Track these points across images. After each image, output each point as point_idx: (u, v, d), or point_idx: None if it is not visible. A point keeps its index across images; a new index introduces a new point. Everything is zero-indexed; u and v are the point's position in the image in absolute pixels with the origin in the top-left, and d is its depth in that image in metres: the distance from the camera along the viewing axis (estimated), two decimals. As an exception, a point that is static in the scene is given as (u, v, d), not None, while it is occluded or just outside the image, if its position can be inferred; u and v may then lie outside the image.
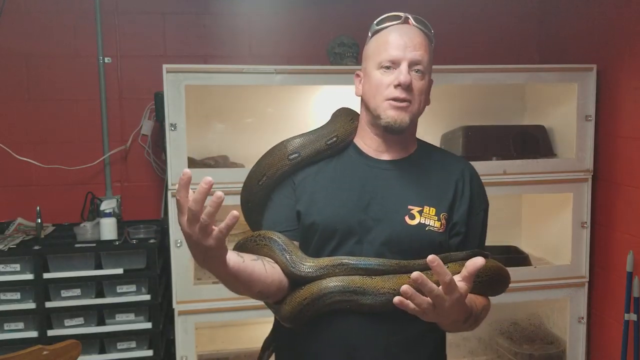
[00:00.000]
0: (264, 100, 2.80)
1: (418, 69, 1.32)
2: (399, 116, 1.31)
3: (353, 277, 1.25)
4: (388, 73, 1.32)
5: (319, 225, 1.32)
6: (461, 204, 1.36)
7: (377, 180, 1.35)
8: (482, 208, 1.41)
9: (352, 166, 1.38)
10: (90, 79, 2.84)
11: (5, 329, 2.40)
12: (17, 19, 2.75)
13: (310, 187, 1.36)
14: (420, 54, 1.32)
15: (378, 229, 1.31)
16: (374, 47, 1.36)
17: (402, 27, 1.35)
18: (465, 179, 1.39)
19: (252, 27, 2.97)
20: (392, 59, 1.31)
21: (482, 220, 1.41)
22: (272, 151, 1.41)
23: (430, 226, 1.31)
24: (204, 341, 2.75)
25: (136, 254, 2.45)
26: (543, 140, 2.81)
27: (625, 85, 2.56)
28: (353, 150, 1.41)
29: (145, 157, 2.92)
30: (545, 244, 2.96)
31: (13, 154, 2.76)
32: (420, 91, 1.32)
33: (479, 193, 1.41)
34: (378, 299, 1.23)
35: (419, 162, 1.40)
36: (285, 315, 1.29)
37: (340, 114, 1.47)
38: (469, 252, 1.30)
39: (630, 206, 2.55)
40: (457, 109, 2.96)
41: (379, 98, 1.32)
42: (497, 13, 3.16)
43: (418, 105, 1.33)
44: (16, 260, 2.38)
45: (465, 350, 2.98)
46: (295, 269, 1.26)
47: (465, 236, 1.36)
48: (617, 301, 2.62)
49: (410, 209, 1.32)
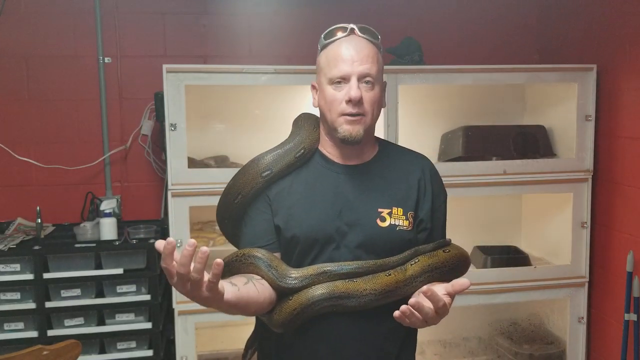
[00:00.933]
0: (264, 100, 2.80)
1: (367, 80, 1.37)
2: (354, 129, 1.37)
3: (337, 283, 1.34)
4: (339, 88, 1.37)
5: (300, 237, 1.39)
6: (425, 201, 1.45)
7: (346, 186, 1.42)
8: (442, 200, 1.50)
9: (321, 174, 1.44)
10: (90, 79, 2.84)
11: (5, 329, 2.40)
12: (17, 19, 2.75)
13: (286, 201, 1.42)
14: (367, 66, 1.37)
15: (352, 234, 1.39)
16: (324, 61, 1.41)
17: (349, 40, 1.39)
18: (426, 176, 1.48)
19: (252, 27, 2.97)
20: (342, 75, 1.36)
21: (443, 212, 1.50)
22: (245, 170, 1.46)
23: (400, 226, 1.40)
24: (204, 341, 2.75)
25: (136, 254, 2.45)
26: (543, 140, 2.81)
27: (625, 85, 2.56)
28: (319, 157, 1.47)
29: (145, 157, 2.92)
30: (545, 244, 2.96)
31: (13, 154, 2.76)
32: (372, 101, 1.38)
33: (439, 187, 1.50)
34: (361, 300, 1.33)
35: (381, 164, 1.47)
36: (277, 323, 1.36)
37: (303, 122, 1.52)
38: (435, 243, 1.41)
39: (630, 206, 2.55)
40: (457, 109, 2.96)
41: (333, 113, 1.38)
42: (497, 13, 3.16)
43: (371, 116, 1.40)
44: (16, 260, 2.38)
45: (465, 350, 2.98)
46: (283, 283, 1.34)
47: (430, 230, 1.46)
48: (617, 301, 2.62)
49: (381, 212, 1.40)
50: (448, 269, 1.38)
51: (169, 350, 2.62)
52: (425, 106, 2.96)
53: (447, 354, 2.96)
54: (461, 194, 2.63)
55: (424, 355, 2.93)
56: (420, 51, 2.78)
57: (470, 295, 2.65)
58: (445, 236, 1.50)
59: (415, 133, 2.81)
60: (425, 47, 2.83)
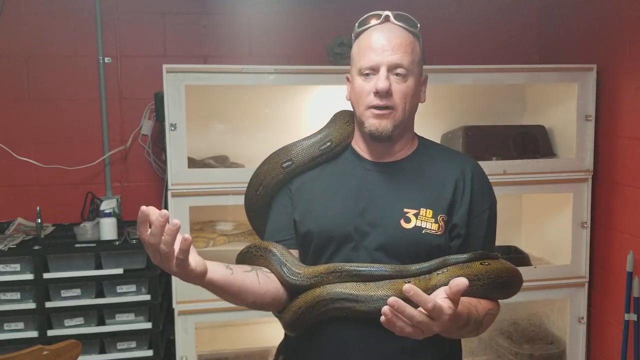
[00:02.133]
0: (264, 100, 2.80)
1: (398, 72, 1.27)
2: (381, 124, 1.27)
3: (346, 284, 1.23)
4: (368, 79, 1.28)
5: (314, 233, 1.31)
6: (461, 205, 1.31)
7: (373, 183, 1.32)
8: (485, 207, 1.35)
9: (348, 170, 1.35)
10: (90, 79, 2.84)
11: (5, 329, 2.40)
12: (17, 19, 2.75)
13: (306, 194, 1.35)
14: (399, 56, 1.27)
15: (373, 234, 1.28)
16: (356, 51, 1.34)
17: (382, 27, 1.31)
18: (466, 178, 1.33)
19: (252, 27, 2.97)
20: (371, 65, 1.28)
21: (486, 220, 1.35)
22: (267, 160, 1.40)
23: (427, 229, 1.27)
24: (204, 341, 2.75)
25: (136, 254, 2.45)
26: (543, 140, 2.81)
27: (625, 85, 2.56)
28: (350, 153, 1.38)
29: (145, 157, 2.92)
30: (545, 244, 2.96)
31: (13, 154, 2.76)
32: (404, 95, 1.28)
33: (481, 191, 1.35)
34: (372, 306, 1.20)
35: (417, 162, 1.36)
36: (285, 323, 1.32)
37: (336, 117, 1.45)
38: (472, 254, 1.26)
39: (630, 206, 2.55)
40: (457, 109, 2.96)
41: (361, 106, 1.30)
42: (497, 13, 3.16)
43: (403, 110, 1.29)
44: (16, 260, 2.38)
45: (465, 351, 2.96)
46: (288, 278, 1.27)
47: (466, 238, 1.31)
48: (617, 301, 2.61)
49: (406, 212, 1.28)
50: (484, 284, 1.22)
51: (169, 350, 2.62)
52: (425, 106, 2.94)
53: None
54: (461, 194, 2.63)
55: (424, 355, 2.93)
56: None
57: (470, 295, 2.64)
58: (491, 249, 1.34)
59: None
60: (425, 47, 2.80)
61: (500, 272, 1.24)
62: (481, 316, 1.21)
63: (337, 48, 2.71)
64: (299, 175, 1.37)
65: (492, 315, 1.27)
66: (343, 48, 2.68)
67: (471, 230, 1.32)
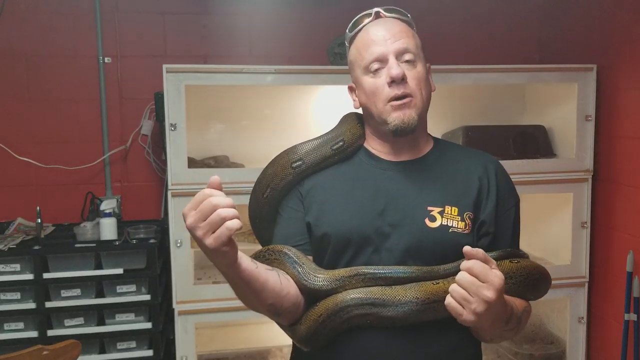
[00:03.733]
0: (264, 100, 2.80)
1: (407, 58, 1.23)
2: (406, 115, 1.21)
3: (371, 288, 1.15)
4: (378, 74, 1.22)
5: (331, 236, 1.23)
6: (488, 202, 1.26)
7: (391, 183, 1.25)
8: (512, 204, 1.31)
9: (363, 170, 1.28)
10: (90, 79, 2.84)
11: (5, 329, 2.40)
12: (17, 19, 2.75)
13: (319, 196, 1.27)
14: (403, 41, 1.23)
15: (396, 235, 1.21)
16: (355, 53, 1.28)
17: (376, 22, 1.27)
18: (490, 175, 1.29)
19: (252, 27, 2.97)
20: (377, 57, 1.22)
21: (513, 218, 1.30)
22: (275, 160, 1.32)
23: (453, 227, 1.21)
24: (204, 341, 2.75)
25: (136, 254, 2.45)
26: (543, 140, 2.81)
27: (625, 85, 2.56)
28: (364, 154, 1.31)
29: (145, 157, 2.92)
30: (545, 244, 2.95)
31: (13, 154, 2.76)
32: (419, 80, 1.22)
33: (507, 188, 1.31)
34: (400, 310, 1.13)
35: (436, 160, 1.30)
36: (301, 336, 1.20)
37: (346, 118, 1.38)
38: (501, 252, 1.22)
39: (630, 206, 2.55)
40: (457, 109, 2.96)
41: (379, 103, 1.23)
42: (497, 13, 3.16)
43: (421, 97, 1.23)
44: (16, 260, 2.38)
45: (465, 350, 2.98)
46: (308, 282, 1.18)
47: (494, 236, 1.26)
48: (617, 301, 2.61)
49: (430, 211, 1.21)
50: (516, 282, 1.18)
51: (169, 350, 2.62)
52: (425, 106, 2.95)
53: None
54: (461, 194, 2.63)
55: (424, 355, 2.93)
56: (420, 51, 2.78)
57: (470, 295, 2.64)
58: (517, 246, 1.31)
59: (415, 133, 2.81)
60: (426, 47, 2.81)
61: (531, 270, 1.21)
62: (520, 312, 1.19)
63: (337, 48, 2.71)
64: (309, 177, 1.30)
65: (528, 313, 1.23)
66: (343, 48, 2.67)
67: (499, 228, 1.27)
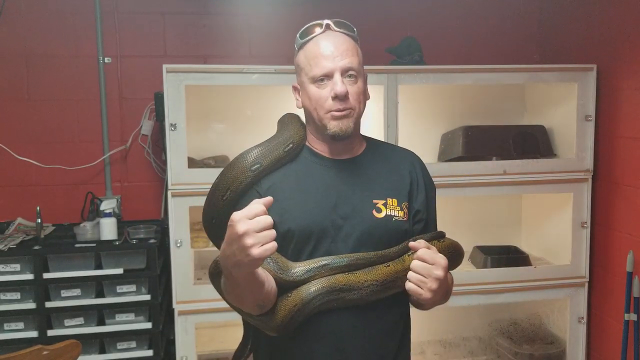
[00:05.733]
0: (264, 100, 2.80)
1: (350, 74, 1.36)
2: (343, 125, 1.36)
3: (337, 276, 1.32)
4: (323, 85, 1.36)
5: (295, 231, 1.35)
6: (419, 192, 1.45)
7: (338, 179, 1.41)
8: (433, 193, 1.51)
9: (312, 169, 1.42)
10: (90, 79, 2.84)
11: (5, 329, 2.40)
12: (17, 19, 2.75)
13: (278, 194, 1.36)
14: (349, 60, 1.36)
15: (348, 226, 1.36)
16: (304, 60, 1.41)
17: (326, 36, 1.40)
18: (417, 168, 1.48)
19: (252, 27, 2.97)
20: (325, 72, 1.35)
21: (434, 205, 1.51)
22: (233, 165, 1.42)
23: (396, 217, 1.39)
24: (204, 341, 2.75)
25: (136, 254, 2.46)
26: (543, 140, 2.81)
27: (625, 85, 2.56)
28: (308, 153, 1.45)
29: (145, 157, 2.92)
30: (545, 244, 2.96)
31: (13, 154, 2.76)
32: (358, 94, 1.37)
33: (430, 180, 1.51)
34: (363, 292, 1.32)
35: (372, 157, 1.46)
36: (276, 324, 1.30)
37: (289, 120, 1.53)
38: (430, 234, 1.43)
39: (630, 206, 2.55)
40: (457, 109, 2.96)
41: (320, 111, 1.37)
42: (497, 13, 3.16)
43: (359, 109, 1.39)
44: (16, 260, 2.38)
45: (465, 350, 2.98)
46: (285, 275, 1.30)
47: (426, 221, 1.45)
48: (617, 301, 2.62)
49: (376, 203, 1.39)
50: None
51: (169, 350, 2.62)
52: (425, 106, 2.96)
53: (447, 354, 2.96)
54: (461, 194, 2.63)
55: (424, 355, 2.93)
56: (420, 51, 2.78)
57: (470, 295, 2.65)
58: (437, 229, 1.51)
59: (415, 133, 2.81)
60: (425, 47, 2.83)
61: (453, 247, 1.44)
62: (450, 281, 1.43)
63: (337, 48, 2.70)
64: (264, 177, 1.42)
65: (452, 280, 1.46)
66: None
67: (429, 214, 1.47)
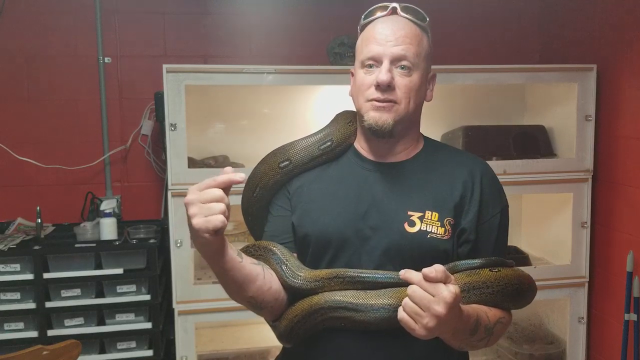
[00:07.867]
0: (264, 100, 2.81)
1: (403, 64, 1.21)
2: (381, 117, 1.21)
3: (346, 292, 1.16)
4: (370, 72, 1.22)
5: (312, 237, 1.25)
6: (470, 208, 1.24)
7: (376, 185, 1.26)
8: (496, 212, 1.27)
9: (349, 171, 1.29)
10: (90, 79, 2.84)
11: (5, 329, 2.40)
12: (17, 19, 2.75)
13: (305, 196, 1.28)
14: (404, 47, 1.20)
15: (376, 239, 1.21)
16: (359, 43, 1.29)
17: (387, 19, 1.24)
18: (475, 180, 1.26)
19: (252, 27, 2.97)
20: (373, 56, 1.22)
21: (497, 225, 1.26)
22: (264, 160, 1.34)
23: (432, 233, 1.20)
24: (204, 341, 2.75)
25: (136, 254, 2.45)
26: (543, 140, 2.81)
27: (625, 85, 2.56)
28: (352, 154, 1.32)
29: (145, 157, 2.92)
30: (545, 244, 2.96)
31: (13, 154, 2.76)
32: (408, 89, 1.21)
33: (492, 194, 1.27)
34: (372, 315, 1.13)
35: (422, 163, 1.29)
36: (281, 332, 1.25)
37: (338, 116, 1.39)
38: (483, 260, 1.19)
39: (630, 206, 2.55)
40: (457, 109, 2.96)
41: (361, 99, 1.24)
42: (497, 13, 3.16)
43: (406, 105, 1.22)
44: (16, 260, 2.38)
45: (465, 350, 2.98)
46: (289, 280, 1.20)
47: (475, 244, 1.23)
48: (617, 301, 2.61)
49: (410, 215, 1.21)
50: (493, 292, 1.16)
51: (169, 350, 2.62)
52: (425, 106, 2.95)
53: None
54: (461, 194, 2.63)
55: (424, 355, 2.92)
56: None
57: (470, 295, 2.64)
58: (502, 256, 1.25)
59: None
60: (426, 47, 2.82)
61: (511, 280, 1.18)
62: (492, 323, 1.16)
63: (337, 48, 2.71)
64: (297, 176, 1.32)
65: (503, 324, 1.21)
66: (343, 48, 2.68)
67: (481, 235, 1.24)
